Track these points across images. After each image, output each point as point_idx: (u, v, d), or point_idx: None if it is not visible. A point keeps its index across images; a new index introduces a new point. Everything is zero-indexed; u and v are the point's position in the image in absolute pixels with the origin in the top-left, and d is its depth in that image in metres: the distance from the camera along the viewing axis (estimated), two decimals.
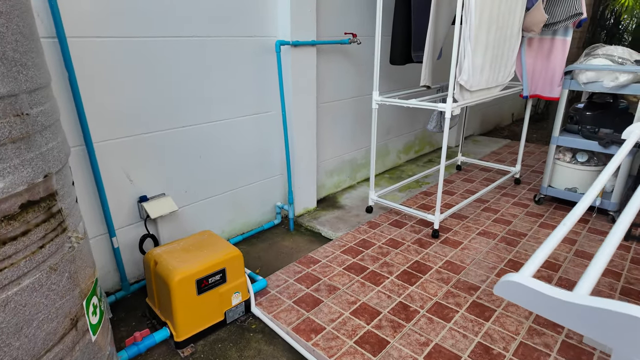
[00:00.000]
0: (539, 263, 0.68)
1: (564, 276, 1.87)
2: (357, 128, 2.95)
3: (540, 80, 2.71)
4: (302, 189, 2.52)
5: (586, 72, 2.22)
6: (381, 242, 2.19)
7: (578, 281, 0.63)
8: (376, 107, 2.34)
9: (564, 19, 2.41)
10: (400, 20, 2.45)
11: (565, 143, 2.45)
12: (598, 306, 0.56)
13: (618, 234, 0.73)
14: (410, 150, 3.65)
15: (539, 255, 0.70)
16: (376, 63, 2.25)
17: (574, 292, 0.60)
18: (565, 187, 2.56)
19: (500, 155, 3.79)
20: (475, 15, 1.89)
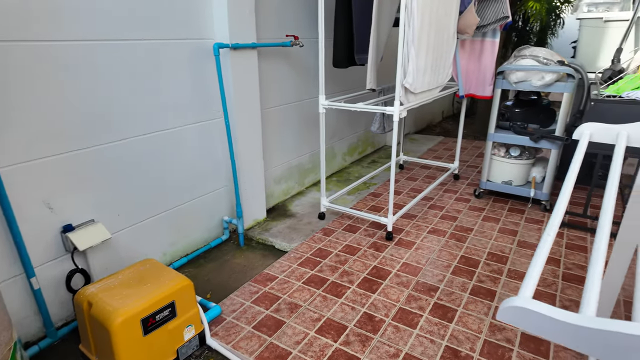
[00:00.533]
0: (534, 283, 0.65)
1: (512, 268, 1.96)
2: (302, 132, 2.87)
3: (473, 80, 2.84)
4: (251, 200, 2.38)
5: (516, 72, 2.36)
6: (338, 250, 2.14)
7: (582, 300, 0.60)
8: (323, 111, 2.28)
9: (492, 22, 2.54)
10: (342, 23, 2.42)
11: (500, 139, 2.59)
12: (609, 329, 0.53)
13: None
14: (355, 151, 3.66)
15: (533, 273, 0.67)
16: (321, 66, 2.18)
17: (581, 314, 0.57)
18: (502, 181, 2.72)
19: (437, 152, 3.95)
20: (417, 18, 1.90)
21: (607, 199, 0.83)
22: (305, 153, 2.96)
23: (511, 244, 2.19)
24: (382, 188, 3.01)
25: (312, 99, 2.88)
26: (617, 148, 0.97)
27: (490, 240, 2.22)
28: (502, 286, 1.81)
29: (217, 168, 2.21)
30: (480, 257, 2.05)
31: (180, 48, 1.86)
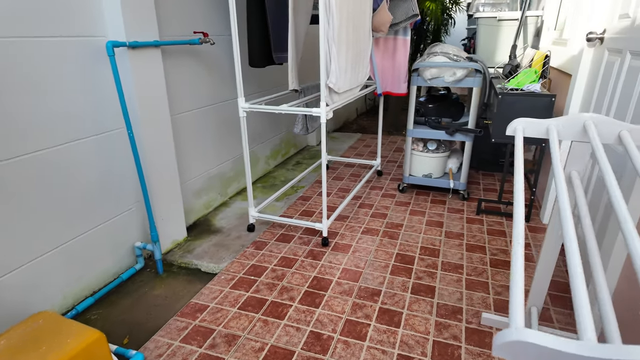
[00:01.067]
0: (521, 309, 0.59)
1: (444, 260, 2.01)
2: (222, 138, 2.64)
3: (389, 78, 2.89)
4: (167, 219, 2.10)
5: (430, 69, 2.43)
6: (273, 264, 1.98)
7: (578, 325, 0.55)
8: (244, 115, 2.09)
9: (404, 20, 2.60)
10: (255, 19, 2.25)
11: (419, 135, 2.67)
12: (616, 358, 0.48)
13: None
14: (278, 154, 3.51)
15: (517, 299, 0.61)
16: (237, 66, 1.99)
17: (583, 342, 0.52)
18: (423, 174, 2.81)
19: (358, 149, 3.99)
20: (336, 15, 1.83)
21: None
22: (226, 160, 2.73)
23: (439, 235, 2.26)
24: (310, 190, 2.92)
25: (230, 101, 2.66)
26: (552, 141, 0.99)
27: (420, 234, 2.26)
28: (439, 280, 1.84)
29: (123, 187, 1.90)
30: (414, 253, 2.07)
31: (67, 48, 1.53)
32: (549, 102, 2.10)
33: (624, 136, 1.00)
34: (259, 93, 3.05)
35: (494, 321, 1.53)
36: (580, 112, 1.85)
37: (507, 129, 1.13)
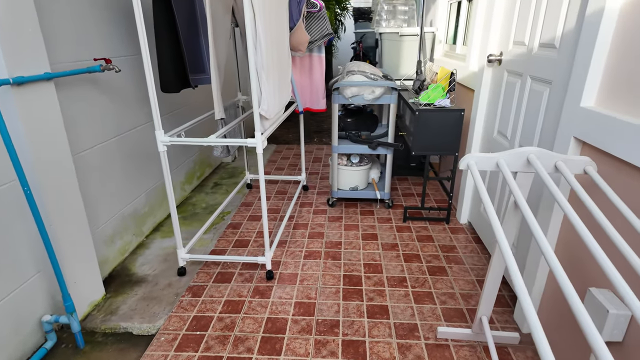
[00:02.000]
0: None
1: (388, 275, 2.08)
2: (132, 171, 2.32)
3: (307, 95, 2.88)
4: (81, 280, 1.77)
5: (351, 87, 2.48)
6: (219, 312, 1.81)
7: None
8: (164, 149, 1.86)
9: (319, 38, 2.60)
10: (167, 41, 2.01)
11: (344, 150, 2.71)
12: None
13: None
14: (193, 177, 3.24)
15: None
16: (152, 95, 1.76)
17: None
18: (350, 187, 2.88)
19: (277, 162, 3.92)
20: (264, 41, 1.73)
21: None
22: (139, 195, 2.41)
23: (377, 249, 2.33)
24: (239, 216, 2.76)
25: (138, 128, 2.35)
26: (505, 174, 1.07)
27: (359, 251, 2.31)
28: (389, 298, 1.89)
29: (21, 252, 1.53)
30: (360, 272, 2.10)
31: None
32: (459, 116, 2.32)
33: (559, 165, 1.13)
34: (168, 116, 2.76)
35: (449, 333, 1.62)
36: (496, 132, 2.08)
37: (460, 164, 1.19)
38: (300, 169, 3.68)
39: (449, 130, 2.36)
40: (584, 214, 1.28)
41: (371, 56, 9.67)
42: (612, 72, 1.18)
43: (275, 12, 1.97)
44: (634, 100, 1.08)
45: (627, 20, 1.12)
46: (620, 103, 1.14)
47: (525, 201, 1.00)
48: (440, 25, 3.34)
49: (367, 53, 9.55)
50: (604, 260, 0.81)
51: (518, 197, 1.02)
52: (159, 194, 2.66)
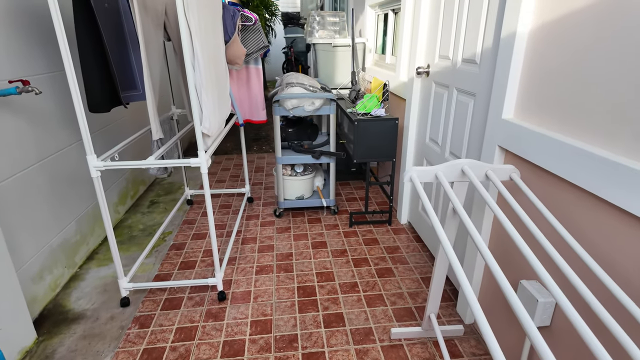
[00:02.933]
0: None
1: (340, 282, 2.14)
2: (59, 197, 2.12)
3: (246, 107, 2.85)
4: (7, 325, 1.58)
5: (291, 99, 2.51)
6: (171, 342, 1.73)
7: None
8: (98, 174, 1.74)
9: (255, 51, 2.59)
10: (92, 57, 1.87)
11: (288, 161, 2.73)
12: None
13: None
14: (127, 197, 3.05)
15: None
16: (81, 119, 1.63)
17: None
18: (296, 197, 2.91)
19: (217, 174, 3.82)
20: (202, 60, 1.69)
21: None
22: (69, 222, 2.21)
23: (327, 256, 2.39)
24: (182, 235, 2.65)
25: (64, 150, 2.16)
26: (444, 185, 1.17)
27: (311, 260, 2.35)
28: (343, 304, 1.95)
29: None
30: (313, 282, 2.14)
31: None
32: (394, 124, 2.46)
33: (489, 174, 1.27)
34: (98, 134, 2.57)
35: (401, 333, 1.72)
36: (423, 140, 2.23)
37: (404, 178, 1.28)
38: (243, 180, 3.63)
39: (386, 137, 2.49)
40: (512, 215, 1.44)
41: (303, 60, 9.81)
42: (525, 88, 1.35)
43: (211, 27, 1.94)
44: (544, 114, 1.25)
45: (535, 43, 1.29)
46: (534, 116, 1.30)
47: (462, 208, 1.10)
48: (369, 35, 3.50)
49: (298, 57, 9.67)
50: (530, 255, 0.93)
51: (456, 204, 1.13)
52: (91, 219, 2.46)
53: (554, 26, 1.19)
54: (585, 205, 1.10)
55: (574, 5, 1.11)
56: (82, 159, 2.36)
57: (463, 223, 1.03)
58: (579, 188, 1.11)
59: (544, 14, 1.23)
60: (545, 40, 1.23)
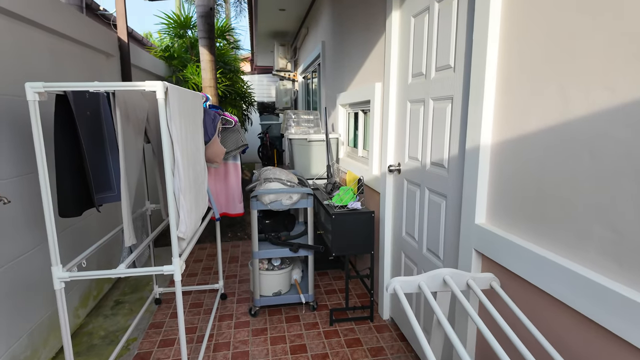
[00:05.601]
0: None
1: None
2: (8, 312, 1.94)
3: (223, 200, 2.85)
4: None
5: (269, 195, 2.54)
6: None
7: None
8: (61, 286, 1.62)
9: (234, 149, 2.68)
10: (67, 160, 1.86)
11: (265, 255, 2.67)
12: None
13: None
14: (89, 298, 2.82)
15: None
16: (50, 231, 1.56)
17: None
18: (273, 292, 2.79)
19: (189, 266, 3.66)
20: (182, 166, 1.72)
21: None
22: (19, 337, 1.99)
23: None
24: (148, 342, 2.42)
25: (22, 258, 2.03)
26: (427, 295, 1.16)
27: None
28: None
29: None
30: None
31: None
32: (370, 217, 2.50)
33: (470, 283, 1.27)
34: (63, 234, 2.46)
35: None
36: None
37: (388, 288, 1.26)
38: (216, 273, 3.48)
39: (363, 230, 2.51)
40: (494, 324, 1.43)
41: (277, 145, 10.21)
42: (494, 195, 1.43)
43: (192, 131, 2.01)
44: (515, 221, 1.31)
45: (498, 156, 1.40)
46: (505, 223, 1.37)
47: (446, 320, 1.08)
48: (341, 129, 3.73)
49: (273, 142, 10.09)
50: None
51: (440, 316, 1.11)
52: (45, 329, 2.23)
53: (510, 143, 1.31)
54: (565, 317, 1.10)
55: (525, 128, 1.24)
56: (44, 264, 2.21)
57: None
58: (558, 300, 1.12)
59: (502, 132, 1.36)
60: (505, 154, 1.35)
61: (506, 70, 1.34)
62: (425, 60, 1.98)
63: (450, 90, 1.75)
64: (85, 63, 2.91)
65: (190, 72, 5.48)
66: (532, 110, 1.22)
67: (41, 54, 2.33)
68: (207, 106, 2.55)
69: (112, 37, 3.33)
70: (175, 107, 1.71)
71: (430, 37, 1.91)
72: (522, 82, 1.26)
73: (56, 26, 2.41)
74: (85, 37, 2.83)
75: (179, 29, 5.86)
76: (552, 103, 1.15)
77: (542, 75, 1.18)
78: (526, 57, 1.24)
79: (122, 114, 1.73)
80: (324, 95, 4.60)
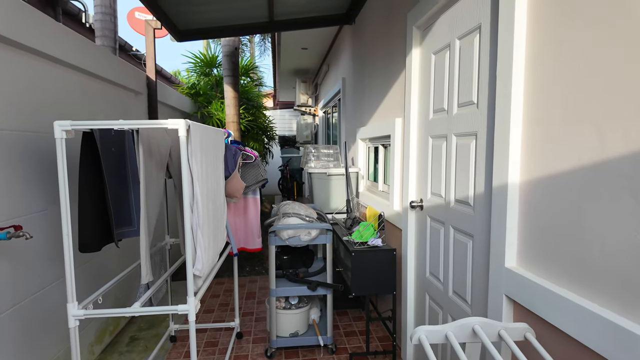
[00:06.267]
0: None
1: None
2: (28, 346, 1.91)
3: (242, 234, 2.83)
4: None
5: (287, 230, 2.50)
6: None
7: None
8: (76, 324, 1.59)
9: (254, 184, 2.68)
10: (90, 197, 1.89)
11: (283, 294, 2.59)
12: None
13: None
14: (105, 334, 2.79)
15: None
16: (69, 267, 1.56)
17: None
18: (290, 333, 2.68)
19: (205, 302, 3.59)
20: (201, 202, 1.72)
21: None
22: None
23: None
24: None
25: (43, 291, 2.03)
26: (454, 345, 1.06)
27: None
28: None
29: None
30: None
31: None
32: (392, 255, 2.41)
33: (502, 334, 1.17)
34: (81, 269, 2.47)
35: None
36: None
37: (412, 338, 1.17)
38: (233, 310, 3.40)
39: (384, 269, 2.42)
40: None
41: (297, 177, 10.27)
42: (525, 236, 1.34)
43: (212, 166, 2.02)
44: (549, 266, 1.22)
45: (528, 195, 1.32)
46: (539, 267, 1.27)
47: None
48: (361, 163, 3.70)
49: (293, 175, 10.16)
50: None
51: None
52: None
53: (541, 182, 1.24)
54: None
55: (557, 167, 1.17)
56: (62, 299, 2.21)
57: None
58: (603, 357, 1.01)
59: (531, 170, 1.30)
60: (536, 194, 1.27)
61: (533, 106, 1.29)
62: (447, 96, 1.96)
63: (473, 127, 1.70)
64: (115, 100, 3.04)
65: (215, 108, 5.65)
66: (564, 147, 1.16)
67: (74, 92, 2.44)
68: (228, 142, 2.58)
69: (141, 76, 3.49)
70: (197, 144, 1.73)
71: (452, 74, 1.90)
72: (552, 118, 1.21)
73: (88, 67, 2.54)
74: (115, 76, 2.96)
75: (205, 68, 6.12)
76: (586, 140, 1.08)
77: (575, 112, 1.12)
78: (556, 94, 1.19)
79: (145, 150, 1.76)
80: (344, 130, 4.62)
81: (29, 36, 1.95)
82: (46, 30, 2.10)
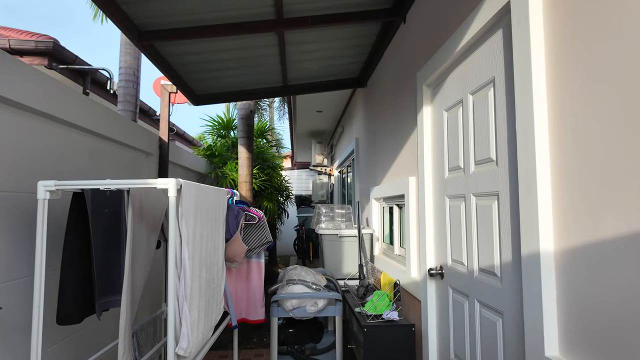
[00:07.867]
0: None
1: None
2: None
3: (243, 304, 2.59)
4: None
5: (291, 300, 2.26)
6: None
7: None
8: None
9: (257, 246, 2.50)
10: (74, 262, 1.75)
11: None
12: None
13: None
14: None
15: None
16: (35, 346, 1.37)
17: None
18: None
19: None
20: (189, 269, 1.54)
21: None
22: None
23: None
24: None
25: None
26: None
27: None
28: None
29: None
30: None
31: None
32: (411, 332, 2.11)
33: None
34: (60, 345, 2.25)
35: None
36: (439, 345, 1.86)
37: None
38: None
39: (402, 348, 2.11)
40: None
41: (313, 237, 10.01)
42: (567, 319, 1.09)
43: (210, 229, 1.87)
44: (599, 357, 0.95)
45: (567, 266, 1.09)
46: (585, 358, 1.00)
47: None
48: (375, 225, 3.49)
49: (309, 235, 9.91)
50: None
51: None
52: None
53: (581, 252, 1.02)
54: None
55: (600, 234, 0.96)
56: None
57: None
58: None
59: (568, 237, 1.08)
60: (575, 266, 1.04)
61: (562, 163, 1.11)
62: (463, 154, 1.80)
63: (494, 186, 1.52)
64: (125, 161, 3.02)
65: (229, 169, 5.67)
66: (606, 211, 0.96)
67: (80, 153, 2.42)
68: (232, 202, 2.46)
69: (152, 138, 3.52)
70: (190, 205, 1.60)
71: (467, 130, 1.76)
72: (587, 175, 1.02)
73: (95, 128, 2.54)
74: (125, 138, 2.97)
75: (222, 130, 6.27)
76: (634, 203, 0.89)
77: (617, 169, 0.94)
78: (588, 148, 1.02)
79: (136, 211, 1.64)
80: (358, 189, 4.48)
81: (23, 94, 1.96)
82: (51, 91, 2.12)
